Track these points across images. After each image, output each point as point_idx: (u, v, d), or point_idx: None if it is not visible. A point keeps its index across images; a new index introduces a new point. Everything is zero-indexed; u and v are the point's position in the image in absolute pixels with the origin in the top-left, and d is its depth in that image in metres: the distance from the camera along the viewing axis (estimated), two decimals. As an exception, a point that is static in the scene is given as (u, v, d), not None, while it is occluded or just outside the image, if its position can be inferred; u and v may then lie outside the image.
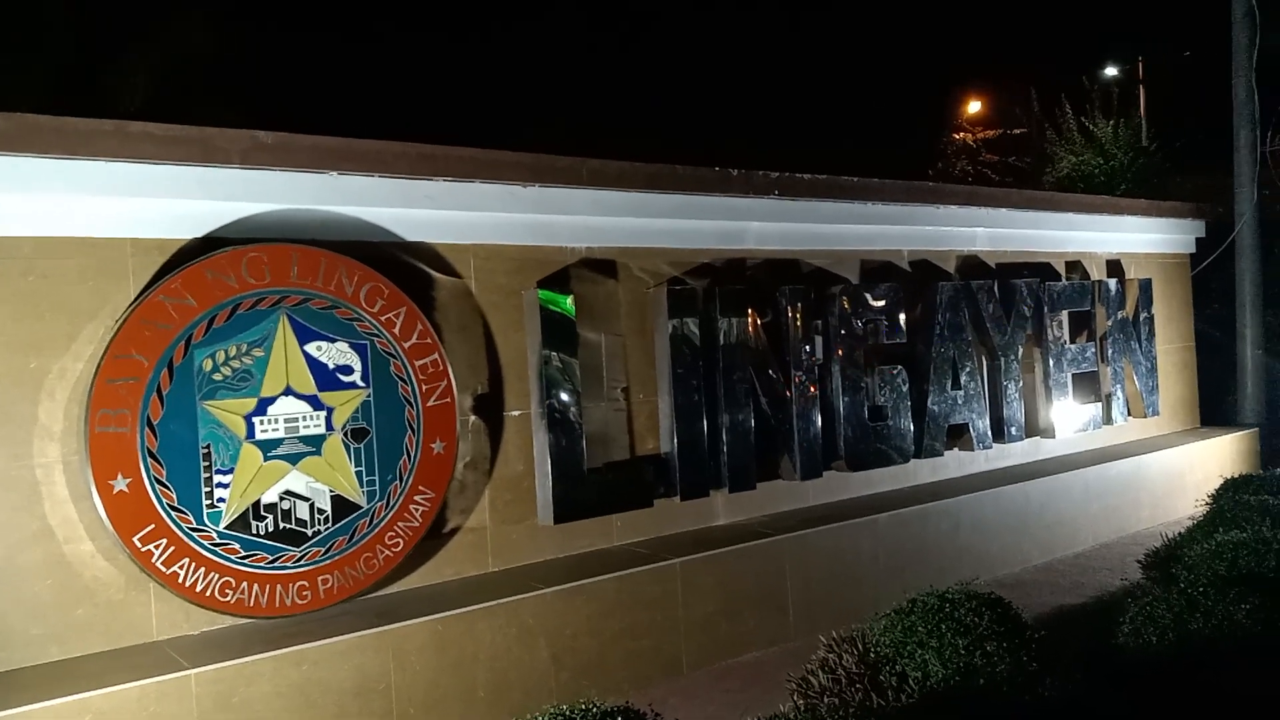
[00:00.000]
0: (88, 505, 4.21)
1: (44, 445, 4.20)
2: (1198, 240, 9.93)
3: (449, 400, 5.05)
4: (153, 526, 4.24)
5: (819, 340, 6.61)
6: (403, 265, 5.10)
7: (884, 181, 7.12)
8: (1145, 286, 8.93)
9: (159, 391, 4.28)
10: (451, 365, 5.08)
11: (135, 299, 4.33)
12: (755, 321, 6.28)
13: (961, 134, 22.72)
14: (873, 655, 4.15)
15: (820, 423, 6.51)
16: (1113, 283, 8.60)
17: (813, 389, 6.47)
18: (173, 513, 4.29)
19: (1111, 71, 19.50)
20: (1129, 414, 8.69)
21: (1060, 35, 20.60)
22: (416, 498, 4.93)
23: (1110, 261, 9.08)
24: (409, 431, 4.93)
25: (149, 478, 4.23)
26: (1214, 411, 9.99)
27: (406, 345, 4.93)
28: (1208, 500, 6.87)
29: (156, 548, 4.24)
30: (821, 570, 6.04)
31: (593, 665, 5.06)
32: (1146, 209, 9.41)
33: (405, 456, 4.91)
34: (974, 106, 23.50)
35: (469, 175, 5.21)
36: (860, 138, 19.16)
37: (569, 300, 5.54)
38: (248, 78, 14.49)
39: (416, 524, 4.93)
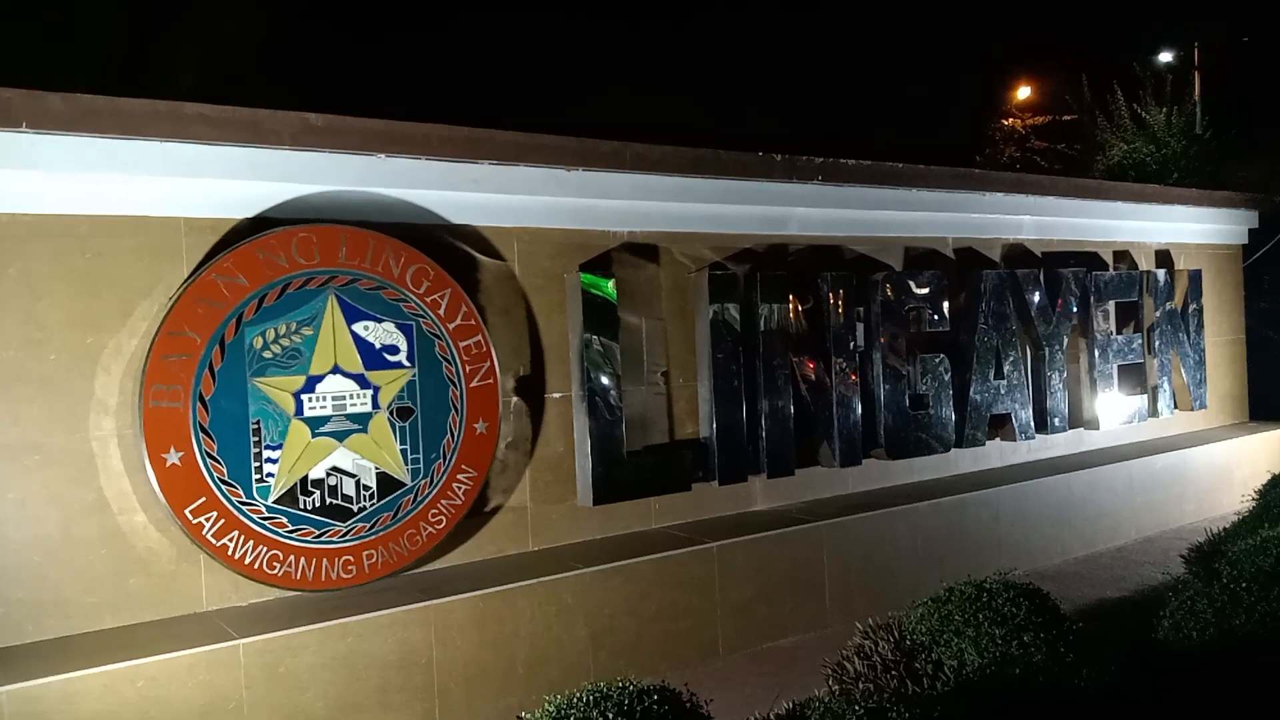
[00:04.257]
0: (141, 478, 4.33)
1: (100, 419, 4.32)
2: (1250, 231, 9.76)
3: (492, 381, 5.11)
4: (204, 499, 4.35)
5: (860, 327, 6.60)
6: (448, 247, 5.17)
7: (929, 168, 7.07)
8: (1195, 277, 8.78)
9: (211, 368, 4.38)
10: (494, 347, 5.14)
11: (188, 277, 4.43)
12: (796, 308, 6.28)
13: (1010, 120, 22.37)
14: (909, 643, 4.16)
15: (860, 410, 6.50)
16: (1161, 273, 8.47)
17: (853, 376, 6.46)
18: (223, 486, 4.40)
19: (1166, 57, 19.08)
20: (1175, 407, 8.58)
21: (1113, 19, 20.22)
22: (459, 476, 5.01)
23: (1159, 252, 8.95)
24: (453, 411, 5.00)
25: (200, 452, 4.34)
26: (1264, 406, 9.81)
27: (451, 326, 5.00)
28: (1255, 496, 6.76)
29: (207, 520, 4.35)
30: (859, 557, 6.05)
31: (630, 645, 5.12)
32: (1197, 199, 9.24)
33: (449, 435, 4.99)
34: (1023, 92, 23.08)
35: (513, 159, 5.26)
36: (904, 123, 18.96)
37: (610, 284, 5.57)
38: (295, 62, 14.62)
39: (459, 502, 5.01)
